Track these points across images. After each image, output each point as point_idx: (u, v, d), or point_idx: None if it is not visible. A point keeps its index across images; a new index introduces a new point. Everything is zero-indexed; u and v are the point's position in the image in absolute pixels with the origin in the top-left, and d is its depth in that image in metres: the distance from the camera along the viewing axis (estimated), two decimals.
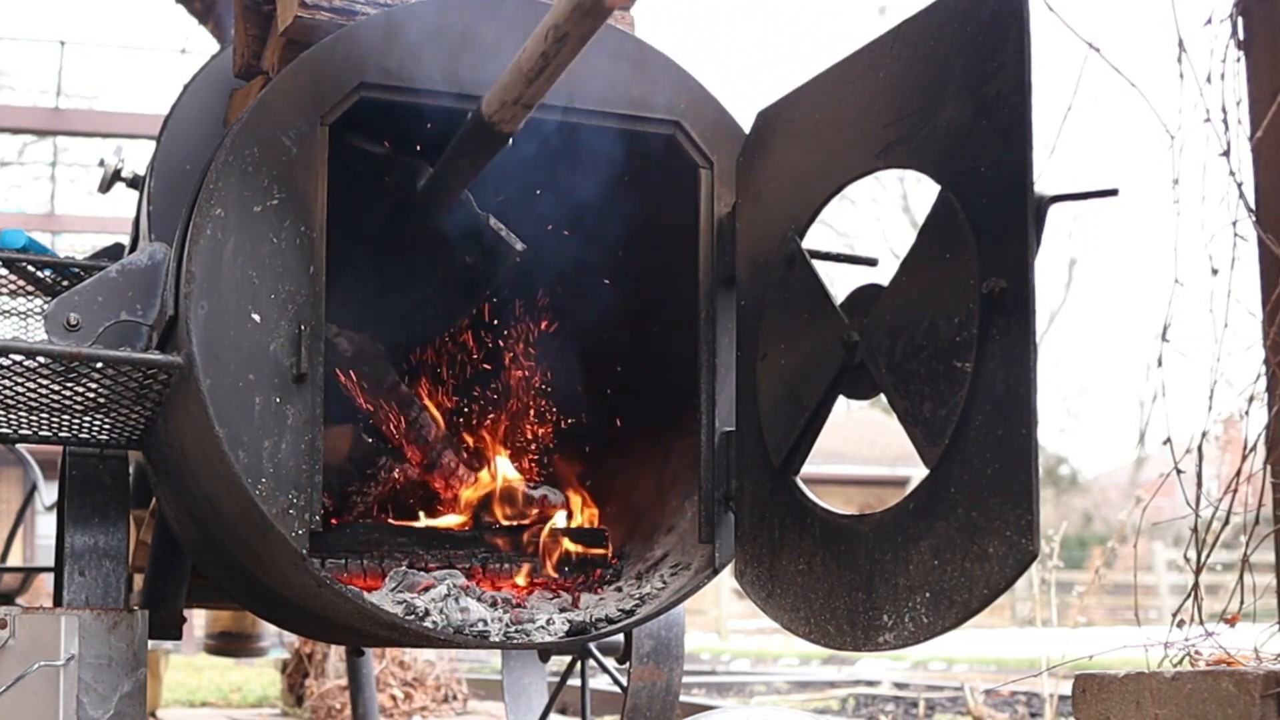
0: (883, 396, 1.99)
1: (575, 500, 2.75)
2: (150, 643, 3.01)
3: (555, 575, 2.63)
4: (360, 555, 2.51)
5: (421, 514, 2.74)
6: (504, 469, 2.71)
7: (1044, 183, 1.77)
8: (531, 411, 2.85)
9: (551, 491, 2.69)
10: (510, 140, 2.21)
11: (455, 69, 2.28)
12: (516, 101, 2.12)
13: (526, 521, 2.64)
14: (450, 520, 2.71)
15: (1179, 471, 2.51)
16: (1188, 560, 2.47)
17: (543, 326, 2.85)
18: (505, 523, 2.64)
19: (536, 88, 2.08)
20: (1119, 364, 43.40)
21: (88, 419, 2.58)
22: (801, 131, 2.23)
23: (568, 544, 2.61)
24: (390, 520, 2.69)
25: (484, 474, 2.72)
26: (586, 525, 2.72)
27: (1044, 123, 1.90)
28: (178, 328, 2.18)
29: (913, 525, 1.89)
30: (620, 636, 3.26)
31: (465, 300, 2.69)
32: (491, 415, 2.85)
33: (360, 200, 2.48)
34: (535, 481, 2.72)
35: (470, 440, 2.83)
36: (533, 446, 2.86)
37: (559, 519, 2.65)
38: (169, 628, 3.05)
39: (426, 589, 2.35)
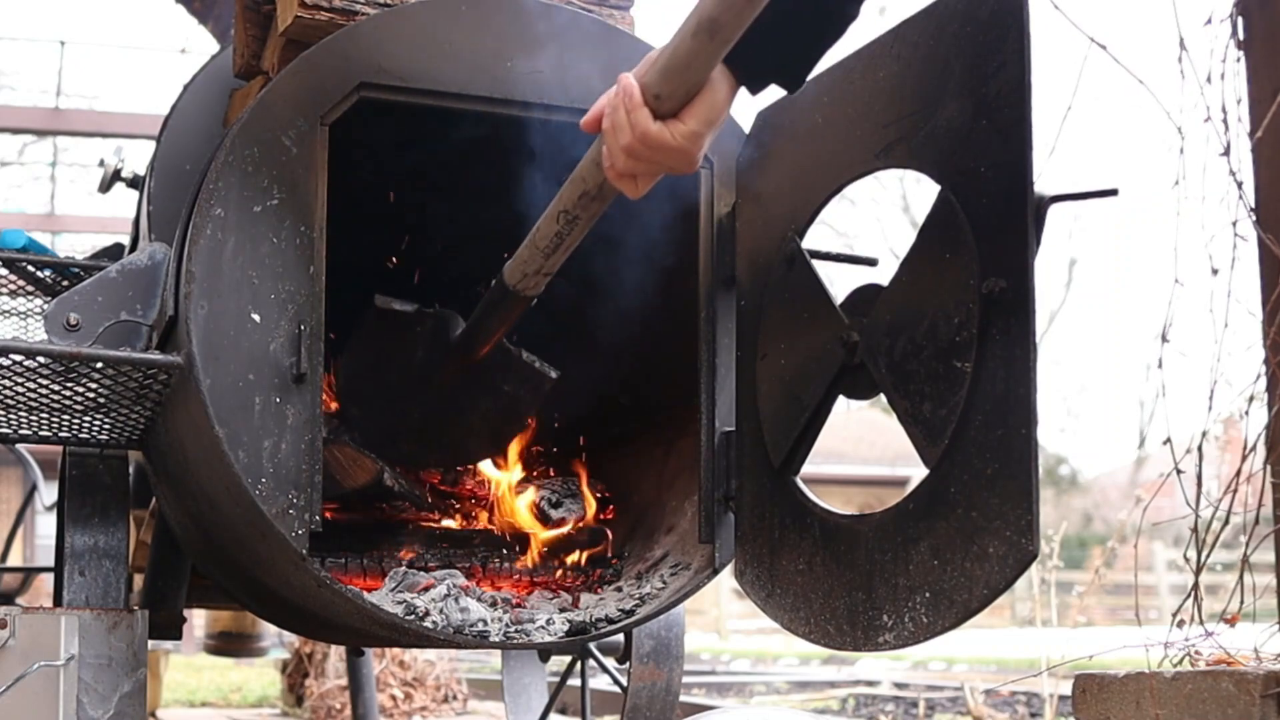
0: (883, 396, 1.98)
1: (590, 507, 2.76)
2: (150, 643, 3.00)
3: (557, 569, 2.63)
4: (360, 555, 2.52)
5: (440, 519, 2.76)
6: (522, 486, 2.76)
7: (1044, 183, 1.77)
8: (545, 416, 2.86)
9: (571, 505, 2.69)
10: (535, 300, 2.32)
11: (456, 69, 2.29)
12: (537, 273, 2.24)
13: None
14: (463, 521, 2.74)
15: (1179, 471, 2.51)
16: (1188, 560, 2.47)
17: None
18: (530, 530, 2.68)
19: (554, 260, 2.20)
20: (1119, 364, 43.40)
21: (88, 419, 2.58)
22: (801, 131, 2.23)
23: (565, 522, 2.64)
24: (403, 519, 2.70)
25: (504, 489, 2.76)
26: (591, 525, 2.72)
27: (1044, 123, 1.90)
28: (178, 328, 2.18)
29: (913, 525, 1.89)
30: (620, 636, 3.26)
31: (511, 425, 2.72)
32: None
33: (398, 349, 2.59)
34: (556, 493, 2.74)
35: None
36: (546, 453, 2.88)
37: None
38: (169, 628, 3.05)
39: (426, 589, 2.36)
